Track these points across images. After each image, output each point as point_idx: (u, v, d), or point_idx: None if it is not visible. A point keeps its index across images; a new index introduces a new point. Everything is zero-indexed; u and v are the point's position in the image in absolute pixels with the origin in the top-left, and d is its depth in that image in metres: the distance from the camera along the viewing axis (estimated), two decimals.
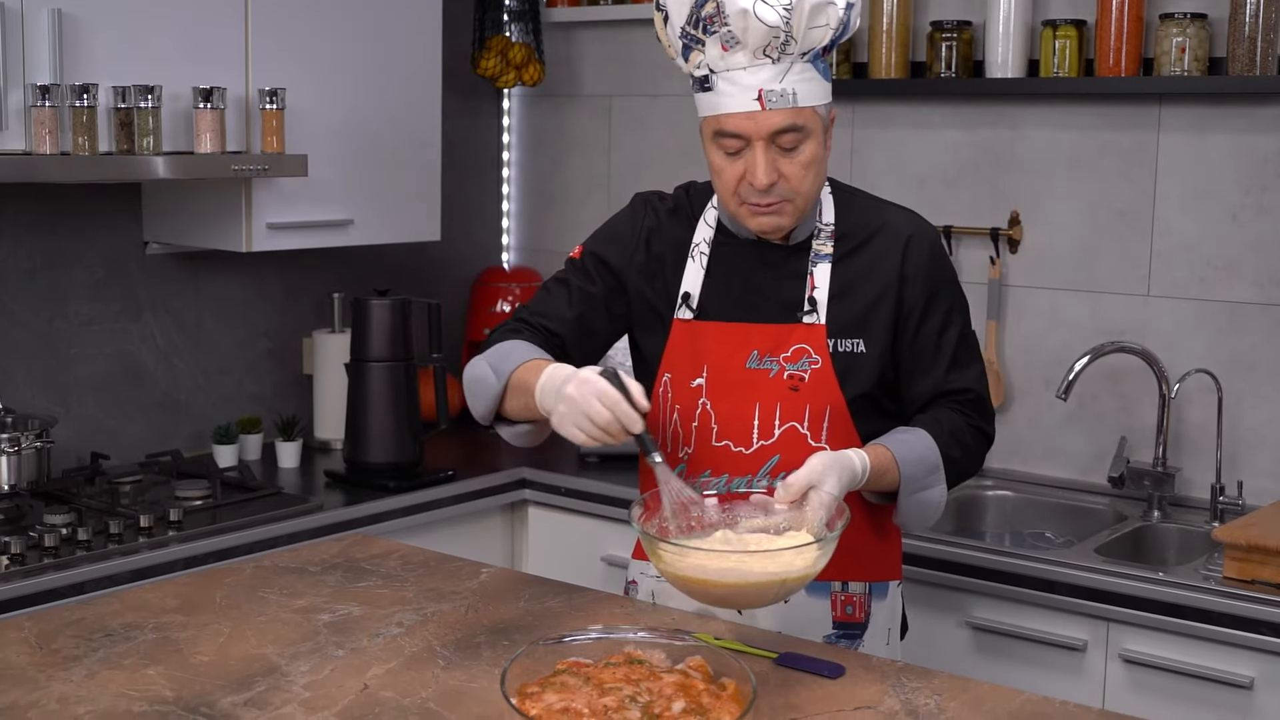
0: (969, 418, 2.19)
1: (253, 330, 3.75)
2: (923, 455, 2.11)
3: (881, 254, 2.18)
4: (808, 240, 2.19)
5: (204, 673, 1.93)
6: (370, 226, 3.56)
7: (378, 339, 3.45)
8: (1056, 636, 2.82)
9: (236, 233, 3.32)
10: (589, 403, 1.93)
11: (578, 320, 2.27)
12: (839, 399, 2.15)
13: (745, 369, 2.17)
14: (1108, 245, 3.37)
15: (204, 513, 3.10)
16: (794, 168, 2.09)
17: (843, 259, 2.18)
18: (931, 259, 2.19)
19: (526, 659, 1.78)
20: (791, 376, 2.16)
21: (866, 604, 2.23)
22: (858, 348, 2.16)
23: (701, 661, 1.82)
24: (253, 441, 3.62)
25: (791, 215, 2.13)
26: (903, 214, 2.24)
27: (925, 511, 2.15)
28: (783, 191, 2.10)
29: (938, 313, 2.19)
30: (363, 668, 1.95)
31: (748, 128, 2.06)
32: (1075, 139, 3.38)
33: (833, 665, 1.95)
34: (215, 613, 2.17)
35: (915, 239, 2.19)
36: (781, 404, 2.15)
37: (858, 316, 2.16)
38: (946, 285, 2.21)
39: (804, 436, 2.15)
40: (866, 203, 2.25)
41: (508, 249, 4.41)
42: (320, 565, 2.41)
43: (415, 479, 3.42)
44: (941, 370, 2.18)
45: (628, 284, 2.27)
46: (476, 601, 2.23)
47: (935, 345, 2.18)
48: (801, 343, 2.16)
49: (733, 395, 2.18)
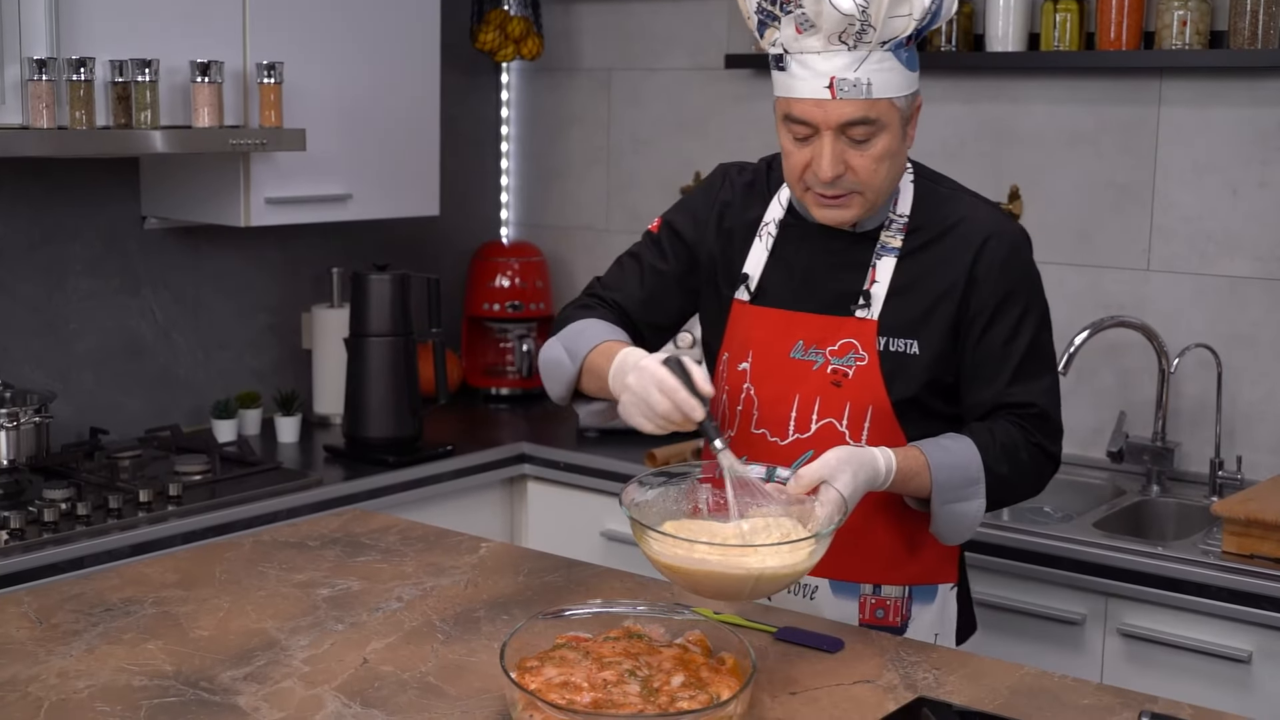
0: (1028, 434, 2.07)
1: (252, 305, 3.75)
2: (961, 464, 2.02)
3: (953, 252, 2.07)
4: (876, 230, 2.10)
5: (203, 647, 1.93)
6: (369, 201, 3.55)
7: (377, 314, 3.44)
8: (1055, 611, 2.82)
9: (235, 207, 3.31)
10: (648, 392, 1.90)
11: (648, 299, 2.23)
12: (883, 400, 2.05)
13: (789, 358, 2.10)
14: (1108, 220, 3.36)
15: (203, 488, 3.10)
16: (864, 161, 1.99)
17: (911, 254, 2.08)
18: (1009, 262, 2.07)
19: (526, 633, 1.79)
20: (835, 371, 2.07)
21: (904, 608, 2.14)
22: (910, 348, 2.06)
23: (701, 636, 1.82)
24: (252, 416, 3.62)
25: (859, 208, 2.03)
26: (986, 210, 2.11)
27: (960, 525, 2.06)
28: (850, 184, 2.01)
29: (1007, 319, 2.06)
30: (362, 642, 1.95)
31: (816, 116, 1.97)
32: (1076, 113, 3.38)
33: (832, 640, 1.96)
34: (215, 587, 2.17)
35: (994, 239, 2.06)
36: (821, 398, 2.08)
37: (915, 316, 2.06)
38: (1022, 291, 2.08)
39: (842, 435, 2.06)
40: (950, 194, 2.13)
41: (506, 224, 4.40)
42: (320, 540, 2.41)
43: (414, 454, 3.42)
44: (1003, 381, 2.06)
45: (700, 258, 2.22)
46: (476, 576, 2.23)
47: (1000, 353, 2.06)
48: (850, 337, 2.07)
49: (774, 383, 2.11)
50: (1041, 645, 2.83)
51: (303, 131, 3.22)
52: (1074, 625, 2.81)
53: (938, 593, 2.17)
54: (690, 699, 1.64)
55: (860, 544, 2.11)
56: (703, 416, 1.89)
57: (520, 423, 3.84)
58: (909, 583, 2.14)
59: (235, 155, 3.27)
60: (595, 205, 4.23)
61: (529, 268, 4.11)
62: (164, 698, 1.77)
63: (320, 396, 3.74)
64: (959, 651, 1.98)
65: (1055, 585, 2.82)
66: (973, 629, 2.27)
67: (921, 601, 2.15)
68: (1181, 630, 2.70)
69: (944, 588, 2.18)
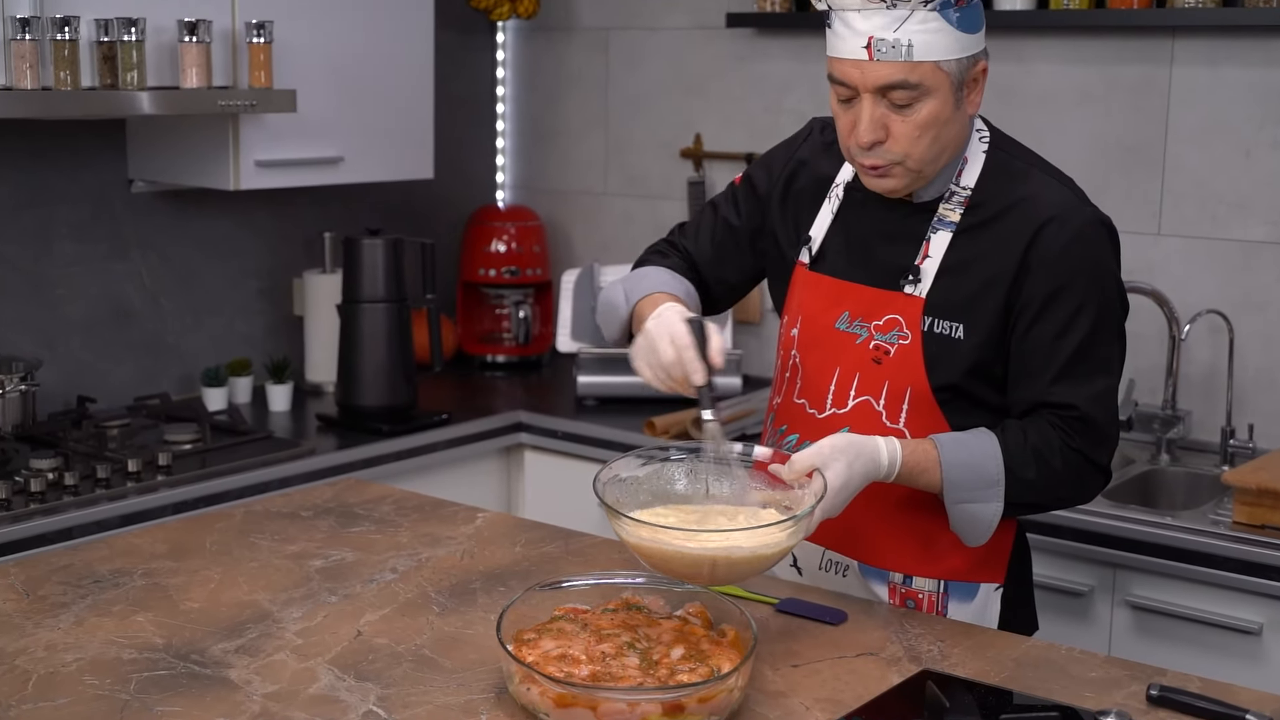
0: (1067, 438, 1.96)
1: (242, 270, 3.74)
2: (977, 463, 1.94)
3: (1010, 233, 1.97)
4: (936, 201, 2.02)
5: (194, 619, 1.93)
6: (361, 164, 3.54)
7: (370, 279, 3.44)
8: (1063, 582, 2.83)
9: (224, 170, 3.30)
10: (660, 339, 1.90)
11: (717, 254, 2.21)
12: (922, 383, 1.99)
13: (833, 329, 2.06)
14: (1117, 182, 3.35)
15: (193, 457, 3.10)
16: (905, 128, 1.92)
17: (968, 230, 1.99)
18: (1069, 249, 1.95)
19: (523, 605, 1.79)
20: (877, 347, 2.02)
21: (940, 604, 2.06)
22: (955, 332, 1.98)
23: (701, 608, 1.82)
24: (243, 384, 3.62)
25: (901, 179, 1.97)
26: (1057, 191, 2.00)
27: (974, 528, 1.98)
28: (889, 154, 1.94)
29: (1059, 312, 1.95)
30: (356, 614, 1.95)
31: (854, 77, 1.91)
32: (1085, 73, 3.36)
33: (834, 611, 1.96)
34: (205, 559, 2.17)
35: (1055, 222, 1.95)
36: (861, 374, 2.03)
37: (963, 298, 1.98)
38: (1082, 283, 1.95)
39: (878, 415, 2.01)
40: (1022, 170, 2.03)
41: (502, 187, 4.38)
42: (312, 510, 2.41)
43: (409, 422, 3.42)
44: (1046, 379, 1.96)
45: (770, 215, 2.19)
46: (472, 547, 2.23)
47: (1047, 349, 1.96)
48: (896, 313, 2.01)
49: (817, 354, 2.08)
50: (1048, 617, 2.83)
51: (293, 92, 3.20)
52: (1081, 596, 2.81)
53: (979, 591, 2.07)
54: (690, 671, 1.64)
55: (891, 530, 2.06)
56: (703, 382, 1.88)
57: (517, 391, 3.83)
58: (945, 577, 2.06)
59: (224, 117, 3.25)
60: (593, 168, 4.22)
61: (525, 232, 4.10)
62: (154, 670, 1.77)
63: (312, 364, 3.74)
64: (964, 624, 1.98)
65: (1062, 556, 2.82)
66: (1033, 629, 2.16)
67: (959, 599, 2.06)
68: (1191, 602, 2.71)
69: (987, 587, 2.07)
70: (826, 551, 2.12)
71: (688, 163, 4.00)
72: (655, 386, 1.95)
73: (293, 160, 3.38)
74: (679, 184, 4.02)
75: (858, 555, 2.09)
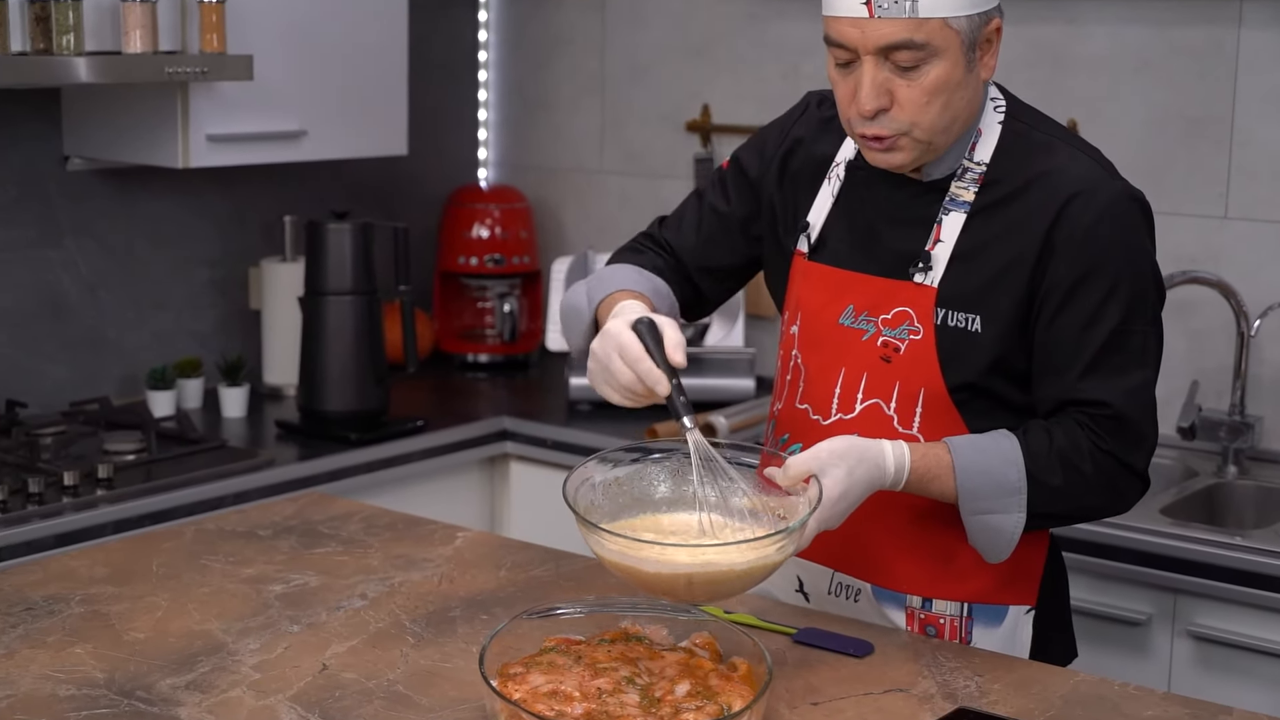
0: (1097, 439, 1.96)
1: (192, 258, 3.75)
2: (996, 469, 1.95)
3: (1032, 211, 1.97)
4: (947, 180, 2.03)
5: (139, 651, 1.94)
6: (326, 139, 3.54)
7: (336, 269, 3.44)
8: (1115, 609, 2.83)
9: (172, 146, 3.30)
10: (610, 359, 1.90)
11: (704, 245, 2.23)
12: (937, 383, 2.00)
13: (837, 325, 2.07)
14: (1179, 158, 3.36)
15: (137, 469, 3.10)
16: (912, 93, 1.92)
17: (984, 210, 2.00)
18: (1098, 227, 1.95)
19: (508, 635, 1.79)
20: (886, 344, 2.03)
21: (964, 629, 2.06)
22: (972, 324, 1.99)
23: (709, 638, 1.83)
24: (192, 387, 3.62)
25: (909, 152, 1.97)
26: (1082, 163, 2.00)
27: (994, 542, 1.98)
28: (894, 123, 1.94)
29: (1088, 299, 1.95)
30: (321, 645, 1.96)
31: (853, 37, 1.91)
32: (1143, 35, 3.37)
33: (859, 643, 1.96)
34: (152, 583, 2.18)
35: (1081, 198, 1.95)
36: (869, 375, 2.04)
37: (980, 286, 1.99)
38: (1113, 265, 1.95)
39: (889, 419, 2.02)
40: (1044, 141, 2.03)
41: (485, 165, 4.39)
42: (272, 528, 2.42)
43: (380, 430, 3.43)
44: (1075, 374, 1.96)
45: (761, 200, 2.20)
46: (451, 569, 2.24)
47: (1075, 340, 1.96)
48: (905, 305, 2.02)
49: (821, 353, 2.09)
50: (1099, 648, 2.84)
51: (249, 58, 3.21)
52: (1137, 626, 2.82)
53: (1007, 614, 2.07)
54: (697, 710, 1.65)
55: (906, 547, 2.07)
56: (668, 391, 1.87)
57: (501, 394, 3.84)
58: (968, 599, 2.06)
59: (172, 86, 3.26)
60: (587, 143, 4.22)
61: (511, 215, 4.11)
62: (94, 709, 1.78)
63: (271, 364, 3.74)
64: (1005, 656, 1.98)
65: (1116, 580, 2.83)
66: (1071, 657, 2.17)
67: (985, 623, 2.06)
68: (1260, 632, 2.71)
69: (1016, 610, 2.07)
70: (836, 574, 2.13)
71: (694, 137, 4.01)
72: (627, 406, 1.95)
73: (249, 135, 3.38)
74: (684, 161, 4.03)
75: (870, 577, 2.09)
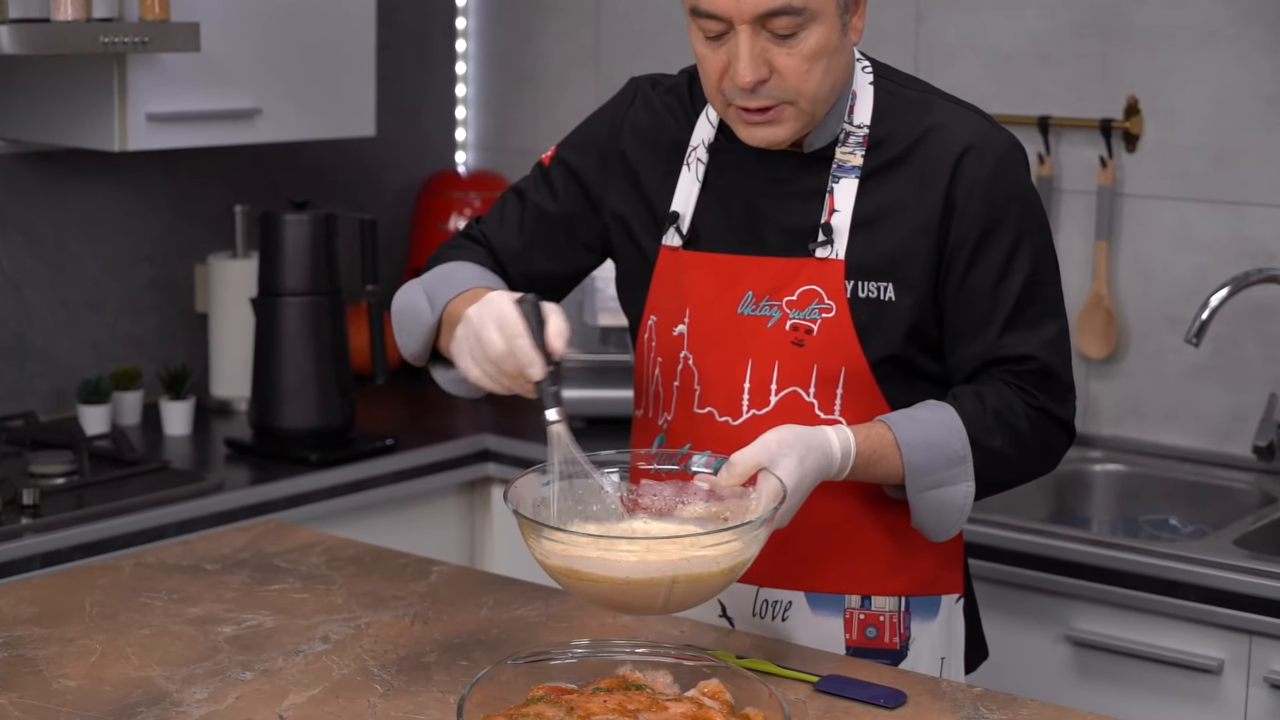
0: (1028, 395, 2.13)
1: (130, 254, 3.75)
2: (939, 440, 2.07)
3: (926, 169, 2.12)
4: (830, 147, 2.15)
5: (70, 702, 1.94)
6: (283, 118, 3.55)
7: (294, 266, 3.45)
8: (1183, 655, 2.83)
9: (107, 126, 3.31)
10: (484, 327, 1.95)
11: (527, 247, 2.30)
12: (858, 359, 2.11)
13: (735, 315, 2.16)
14: (1252, 142, 3.36)
15: (68, 494, 3.10)
16: (792, 61, 2.02)
17: (875, 174, 2.13)
18: (995, 180, 2.11)
19: (491, 683, 1.80)
20: (796, 327, 2.12)
21: (903, 625, 2.18)
22: (885, 293, 2.12)
23: (719, 687, 1.83)
24: (130, 400, 3.62)
25: (792, 123, 2.08)
26: (965, 116, 2.16)
27: (944, 517, 2.11)
28: (776, 92, 2.04)
29: (994, 253, 2.11)
30: (277, 695, 1.96)
31: (726, 6, 2.00)
32: (1210, 1, 3.37)
33: (890, 691, 1.97)
34: (85, 624, 2.18)
35: (974, 152, 2.11)
36: (781, 363, 2.13)
37: (887, 253, 2.12)
38: (1014, 216, 2.13)
39: (809, 406, 2.12)
40: (919, 98, 2.18)
41: (464, 147, 4.40)
42: (221, 562, 2.42)
43: (344, 449, 3.43)
44: (994, 331, 2.12)
45: (602, 202, 2.28)
46: (425, 608, 2.24)
47: (989, 297, 2.12)
48: (811, 283, 2.12)
49: (719, 349, 2.16)
50: (1165, 698, 2.85)
51: (195, 26, 3.21)
52: (1209, 673, 2.82)
53: (940, 606, 2.21)
54: None
55: (841, 545, 2.16)
56: (541, 375, 1.93)
57: (483, 409, 3.84)
58: (905, 593, 2.18)
59: (107, 58, 3.26)
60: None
61: None
62: None
63: (220, 375, 3.75)
64: (1056, 707, 1.99)
65: (1184, 621, 2.83)
66: (984, 654, 2.33)
67: (922, 617, 2.19)
68: None
69: (948, 599, 2.22)
70: (761, 590, 2.19)
71: None
72: (486, 387, 2.00)
73: (195, 113, 3.39)
74: None
75: (802, 584, 2.17)
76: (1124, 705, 2.82)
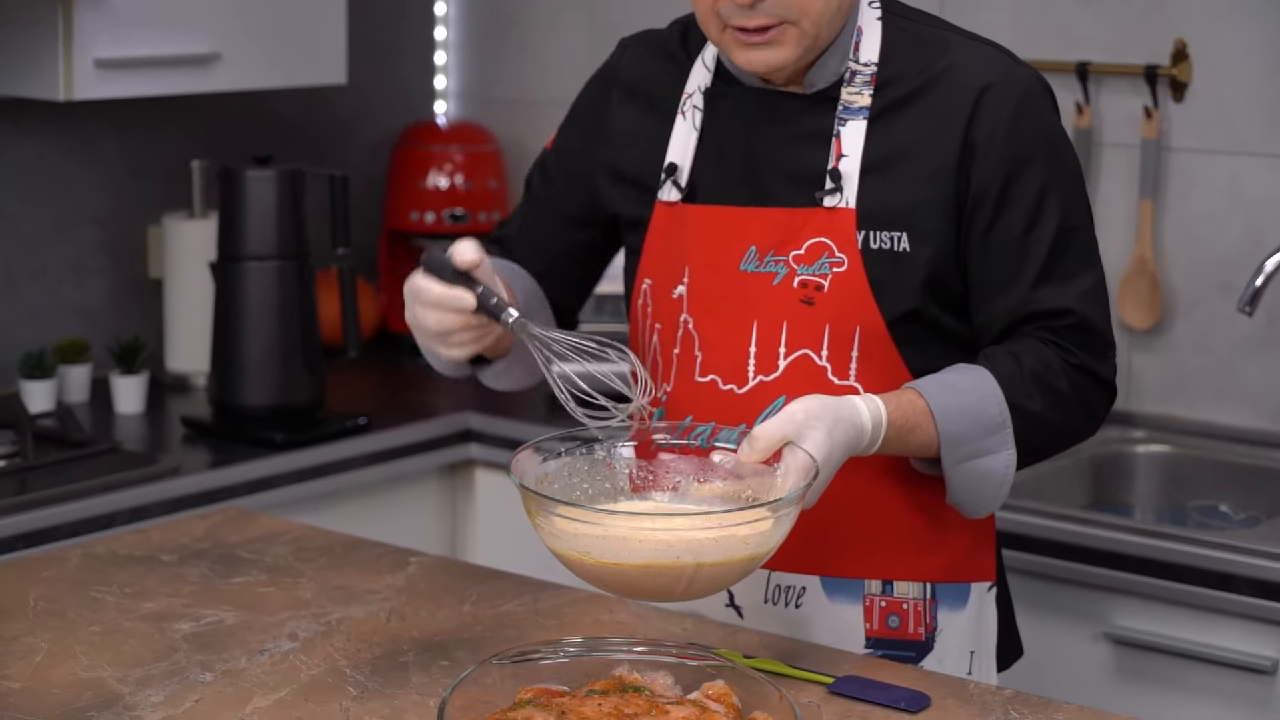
0: (1066, 353, 2.13)
1: (76, 215, 3.75)
2: (976, 406, 2.07)
3: (942, 111, 2.12)
4: (835, 87, 2.15)
5: (14, 705, 1.94)
6: (245, 64, 3.55)
7: (257, 228, 3.44)
8: (1234, 654, 2.84)
9: (51, 73, 3.31)
10: (414, 314, 2.02)
11: (529, 239, 2.35)
12: (874, 318, 2.12)
13: (738, 273, 2.16)
14: None
15: (8, 478, 3.11)
16: None
17: (885, 114, 2.14)
18: (1018, 120, 2.11)
19: (474, 685, 1.80)
20: (805, 284, 2.13)
21: (929, 614, 2.19)
22: (899, 243, 2.12)
23: (724, 689, 1.84)
24: (77, 375, 3.63)
25: (794, 45, 2.08)
26: (984, 53, 2.17)
27: (983, 489, 2.11)
28: (777, 9, 2.04)
29: (1022, 200, 2.12)
30: (240, 698, 1.97)
31: None
32: None
33: (912, 694, 1.97)
34: (28, 621, 2.19)
35: (995, 90, 2.12)
36: (789, 323, 2.13)
37: (901, 199, 2.12)
38: (1041, 158, 2.13)
39: (822, 370, 2.12)
40: (931, 34, 2.19)
41: (444, 96, 4.40)
42: (178, 553, 2.43)
43: (313, 429, 3.44)
44: (1025, 284, 2.12)
45: (597, 172, 2.30)
46: (402, 604, 2.25)
47: (1018, 248, 2.12)
48: (820, 235, 2.13)
49: (722, 310, 2.17)
50: (1215, 700, 2.86)
51: None
52: (1262, 674, 2.83)
53: (970, 594, 2.21)
54: None
55: (860, 523, 2.16)
56: (473, 303, 1.96)
57: (465, 386, 3.84)
58: (931, 579, 2.19)
59: None
60: (571, 69, 4.20)
61: (476, 160, 4.11)
62: None
63: (176, 347, 3.75)
64: (1096, 710, 1.99)
65: (1235, 617, 2.84)
66: (1018, 652, 2.32)
67: (950, 605, 2.19)
68: None
69: (979, 587, 2.22)
70: (773, 575, 2.19)
71: None
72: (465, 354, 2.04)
73: (147, 59, 3.39)
74: None
75: (818, 569, 2.17)
76: (1169, 709, 2.83)
